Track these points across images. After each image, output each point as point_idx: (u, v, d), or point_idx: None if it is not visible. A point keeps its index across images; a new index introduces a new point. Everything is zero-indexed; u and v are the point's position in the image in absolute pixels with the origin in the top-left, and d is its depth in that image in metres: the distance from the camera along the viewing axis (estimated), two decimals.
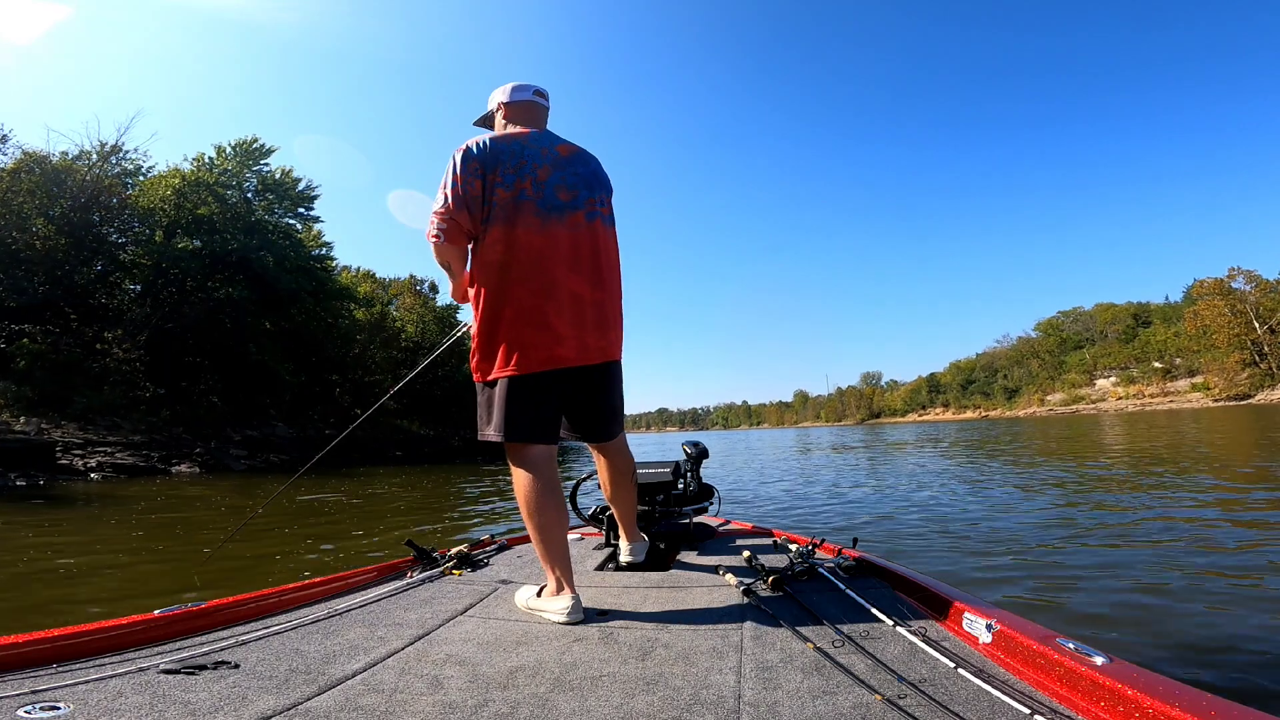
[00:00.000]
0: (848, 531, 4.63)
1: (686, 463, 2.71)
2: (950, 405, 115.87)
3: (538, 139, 1.74)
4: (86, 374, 17.14)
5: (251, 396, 21.62)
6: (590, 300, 1.68)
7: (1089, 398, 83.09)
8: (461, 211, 1.63)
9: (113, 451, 14.02)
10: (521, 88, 1.83)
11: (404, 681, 1.17)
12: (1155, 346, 78.06)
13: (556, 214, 1.65)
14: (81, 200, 19.00)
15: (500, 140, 1.69)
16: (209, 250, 21.47)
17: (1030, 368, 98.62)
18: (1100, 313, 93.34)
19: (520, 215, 1.62)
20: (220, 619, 1.51)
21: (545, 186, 1.66)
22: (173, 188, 21.63)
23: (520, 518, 1.70)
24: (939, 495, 6.70)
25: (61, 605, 3.20)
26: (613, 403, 1.85)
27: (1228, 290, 66.32)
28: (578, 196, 1.70)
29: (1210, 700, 0.87)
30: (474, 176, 1.63)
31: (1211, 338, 65.98)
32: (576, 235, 1.67)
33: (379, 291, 36.94)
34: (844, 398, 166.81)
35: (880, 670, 1.16)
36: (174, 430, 17.00)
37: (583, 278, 1.67)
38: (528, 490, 1.64)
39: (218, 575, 3.88)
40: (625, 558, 2.07)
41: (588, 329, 1.66)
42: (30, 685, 1.07)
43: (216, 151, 24.85)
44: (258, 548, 4.72)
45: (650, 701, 1.07)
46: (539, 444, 1.66)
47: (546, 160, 1.69)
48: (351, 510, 7.19)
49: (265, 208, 26.03)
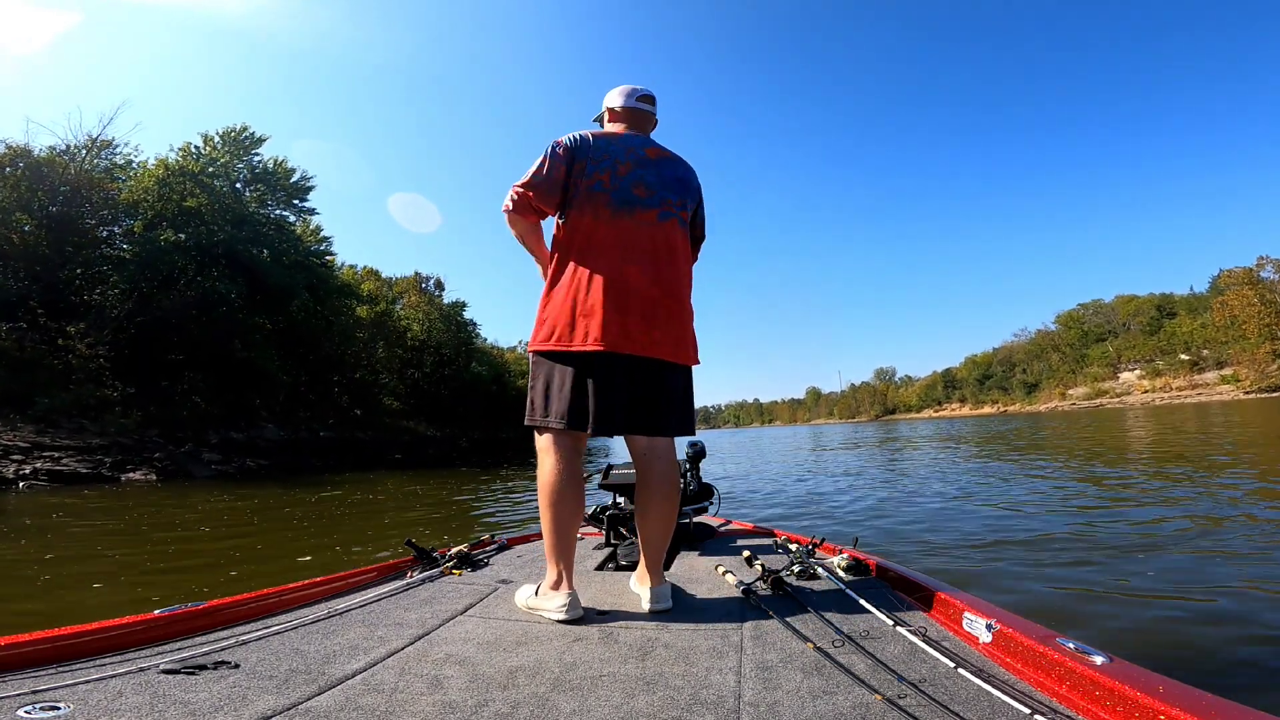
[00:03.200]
0: (848, 531, 4.67)
1: (686, 462, 2.75)
2: (967, 400, 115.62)
3: (630, 139, 1.87)
4: (50, 371, 16.57)
5: (239, 396, 21.15)
6: (644, 294, 1.72)
7: (1113, 391, 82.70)
8: (535, 189, 1.77)
9: (59, 457, 13.14)
10: (629, 93, 1.94)
11: (404, 681, 1.20)
12: (1181, 338, 77.55)
13: (628, 208, 1.76)
14: (64, 193, 18.99)
15: (595, 136, 1.84)
16: (194, 243, 21.16)
17: (1050, 361, 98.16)
18: (1122, 305, 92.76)
19: (591, 204, 1.75)
20: (220, 619, 1.54)
21: (623, 180, 1.77)
22: (155, 178, 21.41)
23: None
24: (941, 495, 6.73)
25: None
26: (658, 399, 1.76)
27: (1256, 279, 65.80)
28: (654, 195, 1.80)
29: (1210, 700, 0.89)
30: (560, 162, 1.77)
31: (1240, 328, 65.51)
32: (644, 231, 1.76)
33: (384, 290, 37.08)
34: (857, 394, 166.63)
35: (880, 670, 1.19)
36: (147, 433, 16.22)
37: (641, 272, 1.73)
38: (552, 476, 1.69)
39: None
40: (648, 606, 1.69)
41: (635, 319, 1.70)
42: (30, 685, 1.10)
43: (204, 140, 24.67)
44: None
45: (650, 701, 1.10)
46: (569, 430, 1.70)
47: (630, 158, 1.81)
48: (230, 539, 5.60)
49: (256, 199, 25.85)
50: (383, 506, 8.33)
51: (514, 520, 6.22)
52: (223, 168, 24.51)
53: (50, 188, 18.84)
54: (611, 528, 2.48)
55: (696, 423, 1.94)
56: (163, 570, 4.35)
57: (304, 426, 22.69)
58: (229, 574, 4.12)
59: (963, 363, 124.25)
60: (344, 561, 4.35)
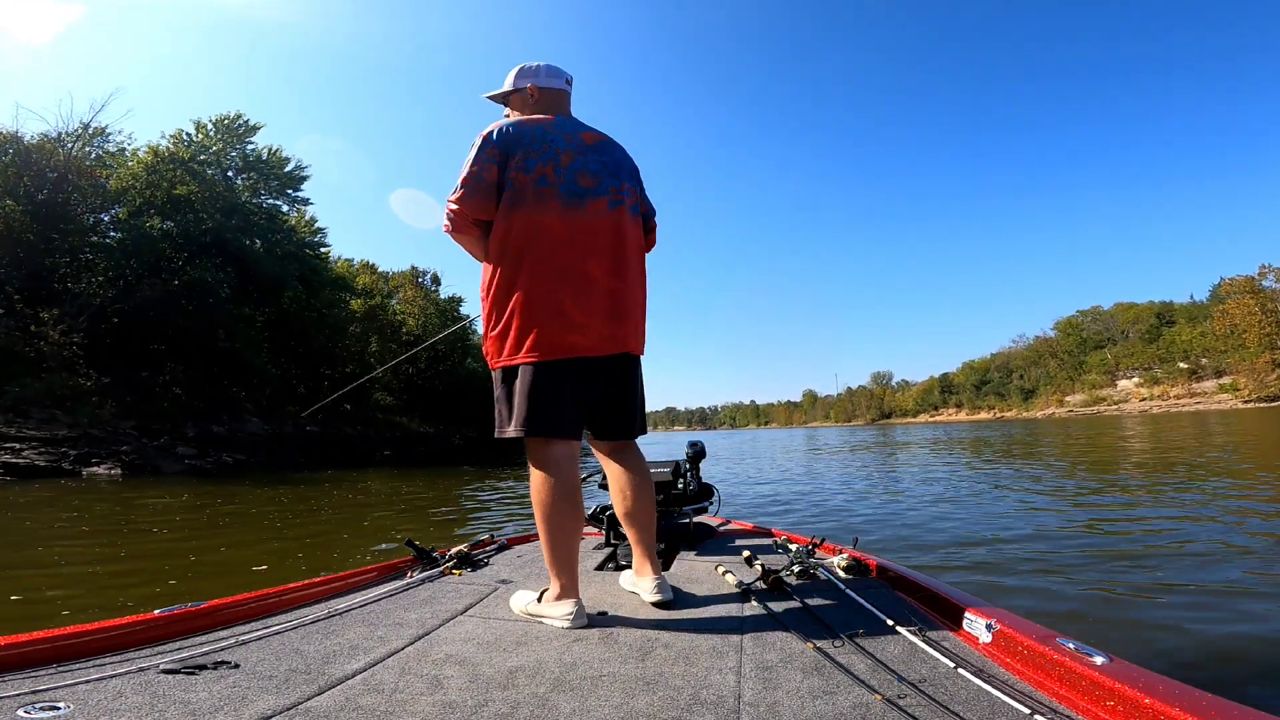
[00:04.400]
0: (848, 531, 4.70)
1: (686, 462, 2.77)
2: (964, 406, 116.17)
3: (562, 124, 1.76)
4: (23, 360, 16.17)
5: (223, 389, 20.68)
6: (607, 289, 1.68)
7: (1110, 399, 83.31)
8: (472, 199, 1.66)
9: (20, 449, 12.72)
10: (556, 72, 1.84)
11: (404, 681, 1.21)
12: (1180, 346, 78.12)
13: (577, 199, 1.67)
14: (52, 179, 18.84)
15: (524, 125, 1.72)
16: (182, 231, 20.91)
17: (1048, 368, 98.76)
18: (1121, 312, 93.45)
19: (539, 200, 1.64)
20: (220, 619, 1.56)
21: (567, 172, 1.68)
22: (145, 165, 21.22)
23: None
24: (941, 495, 6.79)
25: None
26: (630, 398, 1.80)
27: (1258, 288, 66.37)
28: (600, 184, 1.72)
29: (1210, 700, 0.90)
30: (491, 162, 1.66)
31: (1241, 337, 66.06)
32: (597, 222, 1.69)
33: (379, 284, 36.95)
34: (854, 398, 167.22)
35: (880, 670, 1.20)
36: (122, 425, 15.79)
37: (601, 265, 1.68)
38: (544, 491, 1.62)
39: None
40: (651, 597, 1.72)
41: (604, 318, 1.67)
42: (30, 685, 1.11)
43: (195, 128, 24.46)
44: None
45: (650, 701, 1.11)
46: (560, 439, 1.65)
47: (570, 146, 1.71)
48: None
49: (248, 188, 25.66)
50: (359, 509, 7.53)
51: (514, 528, 6.17)
52: (215, 155, 24.31)
53: (38, 174, 18.68)
54: (611, 528, 2.50)
55: (693, 423, 1.94)
56: (86, 577, 3.81)
57: (290, 421, 22.17)
58: (167, 584, 3.63)
59: (960, 368, 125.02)
60: (303, 572, 3.90)
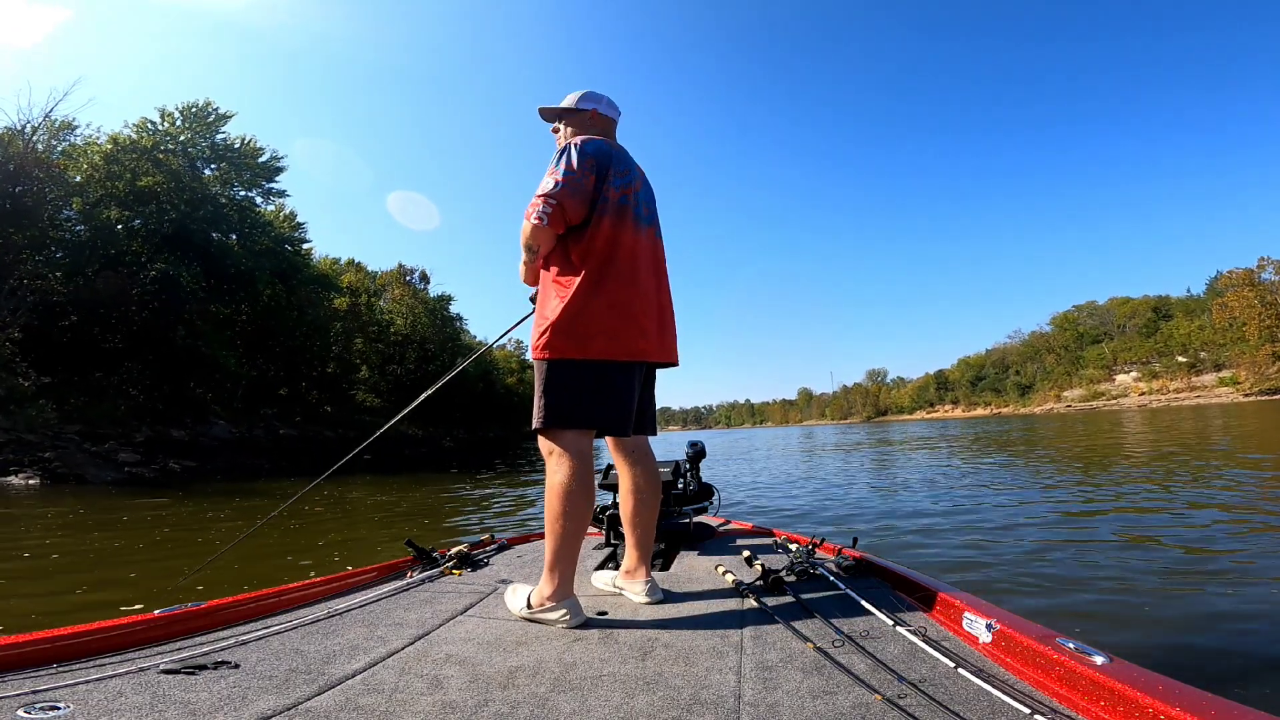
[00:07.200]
0: (848, 531, 4.76)
1: (686, 462, 2.83)
2: (960, 402, 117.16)
3: (628, 154, 2.01)
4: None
5: (185, 389, 19.99)
6: (659, 304, 1.96)
7: (1109, 393, 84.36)
8: (571, 199, 1.80)
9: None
10: (614, 105, 2.09)
11: (404, 681, 1.24)
12: (1179, 340, 79.23)
13: (645, 225, 1.96)
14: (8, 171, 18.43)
15: (613, 145, 1.96)
16: (144, 225, 20.40)
17: (1045, 363, 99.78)
18: (1117, 306, 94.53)
19: (622, 217, 1.87)
20: (220, 619, 1.58)
21: (638, 198, 1.95)
22: (103, 154, 20.68)
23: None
24: (940, 494, 6.88)
25: None
26: (653, 400, 2.09)
27: (1257, 281, 67.45)
28: (653, 213, 2.03)
29: (1210, 700, 0.92)
30: (590, 171, 1.84)
31: (1240, 330, 67.12)
32: (653, 246, 1.99)
33: (365, 282, 36.67)
34: (849, 395, 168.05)
35: (880, 670, 1.24)
36: (65, 429, 14.88)
37: (657, 284, 1.97)
38: (575, 483, 1.71)
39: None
40: (643, 599, 1.84)
41: (659, 329, 1.94)
42: (30, 685, 1.13)
43: (161, 116, 23.82)
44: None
45: (650, 701, 1.14)
46: (599, 434, 1.86)
47: (640, 176, 2.00)
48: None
49: (218, 179, 25.13)
50: (303, 529, 6.27)
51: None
52: (181, 145, 23.70)
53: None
54: (611, 528, 2.54)
55: (688, 422, 2.02)
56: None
57: (261, 424, 21.73)
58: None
59: (955, 364, 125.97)
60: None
